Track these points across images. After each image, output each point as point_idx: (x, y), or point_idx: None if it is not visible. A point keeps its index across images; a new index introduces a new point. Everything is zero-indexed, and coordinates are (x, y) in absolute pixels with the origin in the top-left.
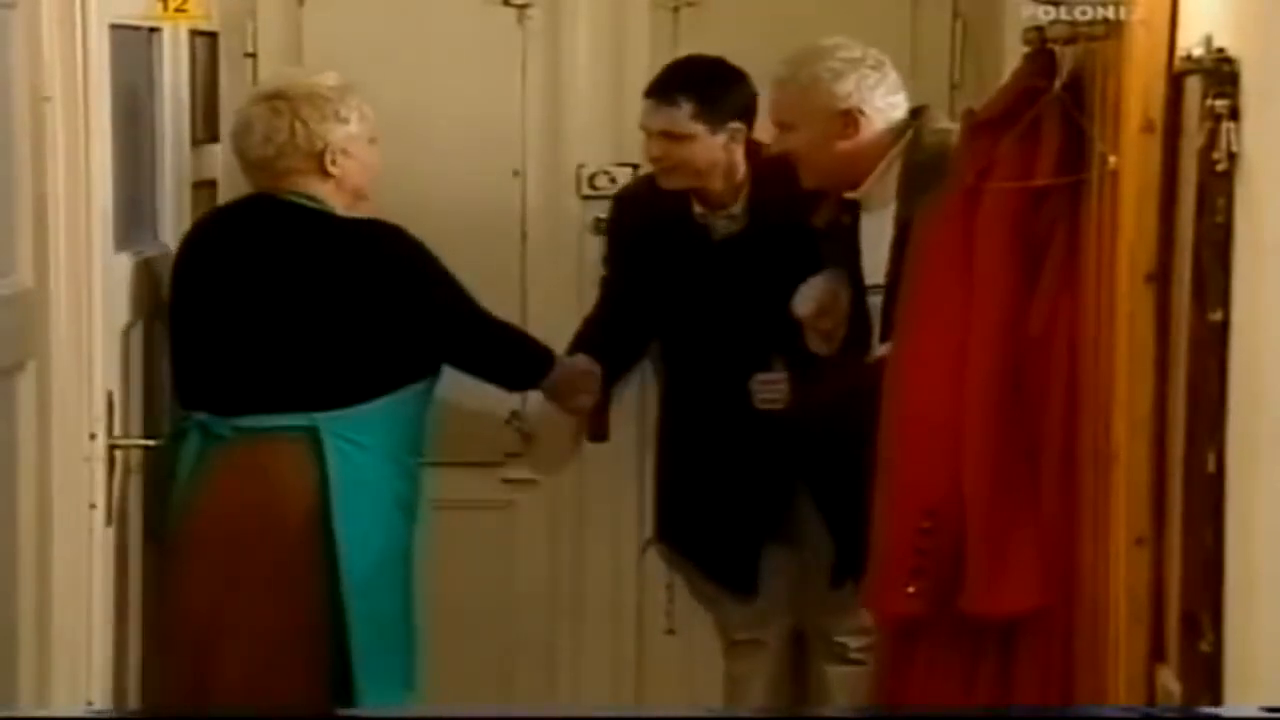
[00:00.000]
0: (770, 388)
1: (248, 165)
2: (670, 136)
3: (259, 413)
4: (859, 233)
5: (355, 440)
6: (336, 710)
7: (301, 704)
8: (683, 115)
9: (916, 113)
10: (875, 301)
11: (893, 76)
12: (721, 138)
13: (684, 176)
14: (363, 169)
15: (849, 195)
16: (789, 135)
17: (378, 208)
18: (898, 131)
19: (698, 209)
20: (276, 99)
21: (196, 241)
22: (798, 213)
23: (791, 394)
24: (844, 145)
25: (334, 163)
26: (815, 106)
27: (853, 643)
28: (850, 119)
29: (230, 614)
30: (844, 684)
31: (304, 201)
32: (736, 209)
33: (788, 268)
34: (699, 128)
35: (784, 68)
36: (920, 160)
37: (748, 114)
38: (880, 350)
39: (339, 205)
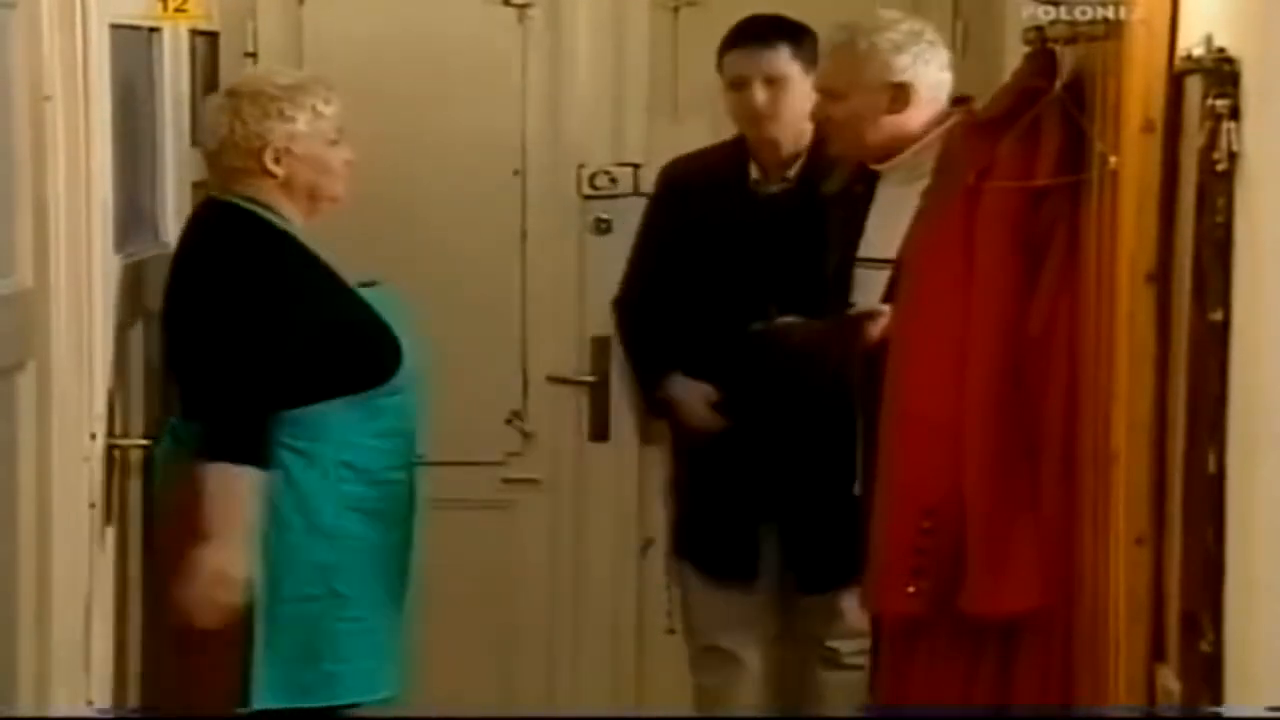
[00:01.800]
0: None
1: (205, 161)
2: (771, 81)
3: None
4: (870, 203)
5: (290, 445)
6: (347, 711)
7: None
8: (781, 58)
9: (959, 101)
10: (874, 275)
11: (945, 55)
12: (808, 83)
13: (781, 124)
14: (316, 170)
15: (876, 166)
16: (835, 103)
17: (379, 207)
18: (941, 111)
19: (754, 174)
20: (227, 95)
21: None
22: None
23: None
24: (889, 119)
25: (276, 161)
26: (869, 77)
27: (844, 647)
28: (901, 93)
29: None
30: (839, 689)
31: (241, 203)
32: (792, 172)
33: (820, 230)
34: (795, 69)
35: (841, 33)
36: None
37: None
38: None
39: (292, 207)
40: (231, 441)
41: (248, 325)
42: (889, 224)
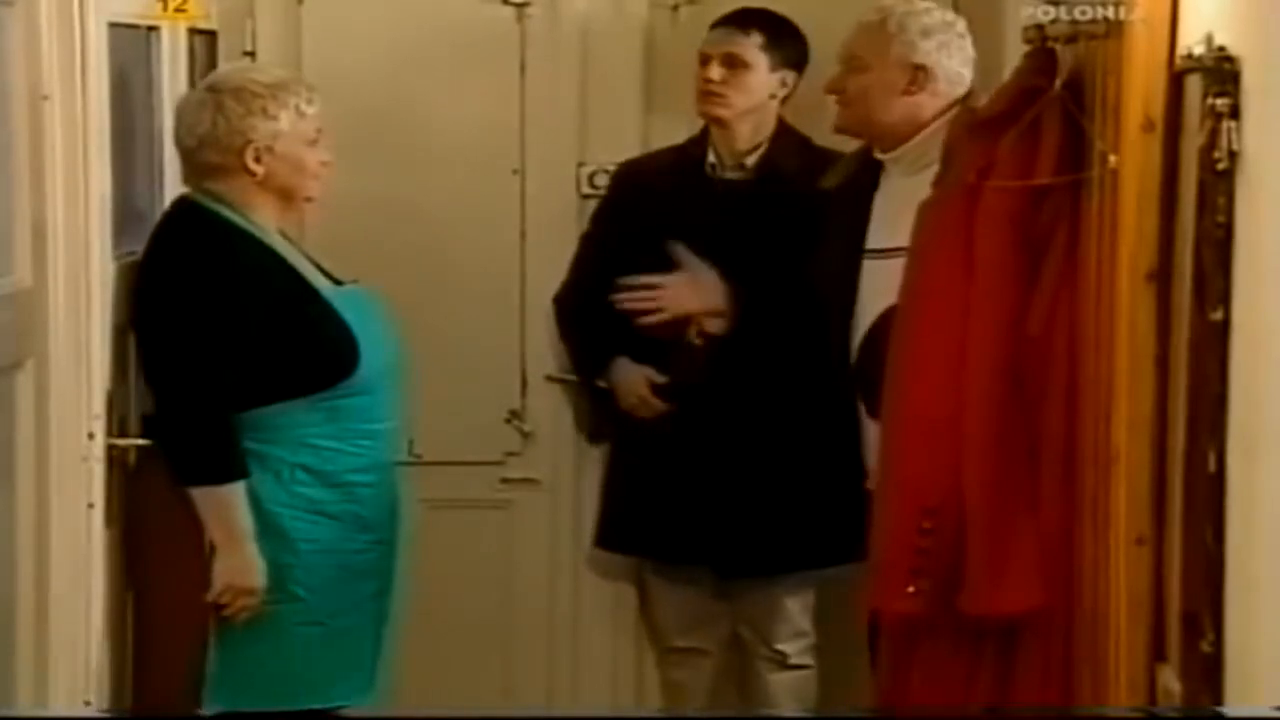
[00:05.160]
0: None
1: (180, 156)
2: (732, 61)
3: None
4: (873, 196)
5: (248, 447)
6: (339, 711)
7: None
8: (751, 43)
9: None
10: (880, 265)
11: (970, 52)
12: (775, 79)
13: (728, 106)
14: (293, 170)
15: (880, 156)
16: (855, 76)
17: (379, 206)
18: (952, 103)
19: (710, 159)
20: (207, 91)
21: None
22: (804, 183)
23: (732, 323)
24: (904, 100)
25: (257, 160)
26: (894, 53)
27: (791, 648)
28: (921, 75)
29: (148, 611)
30: (788, 691)
31: (208, 204)
32: (750, 161)
33: (775, 222)
34: (762, 59)
35: (876, 12)
36: None
37: (798, 68)
38: None
39: (265, 206)
40: (207, 464)
41: (197, 332)
42: (894, 214)
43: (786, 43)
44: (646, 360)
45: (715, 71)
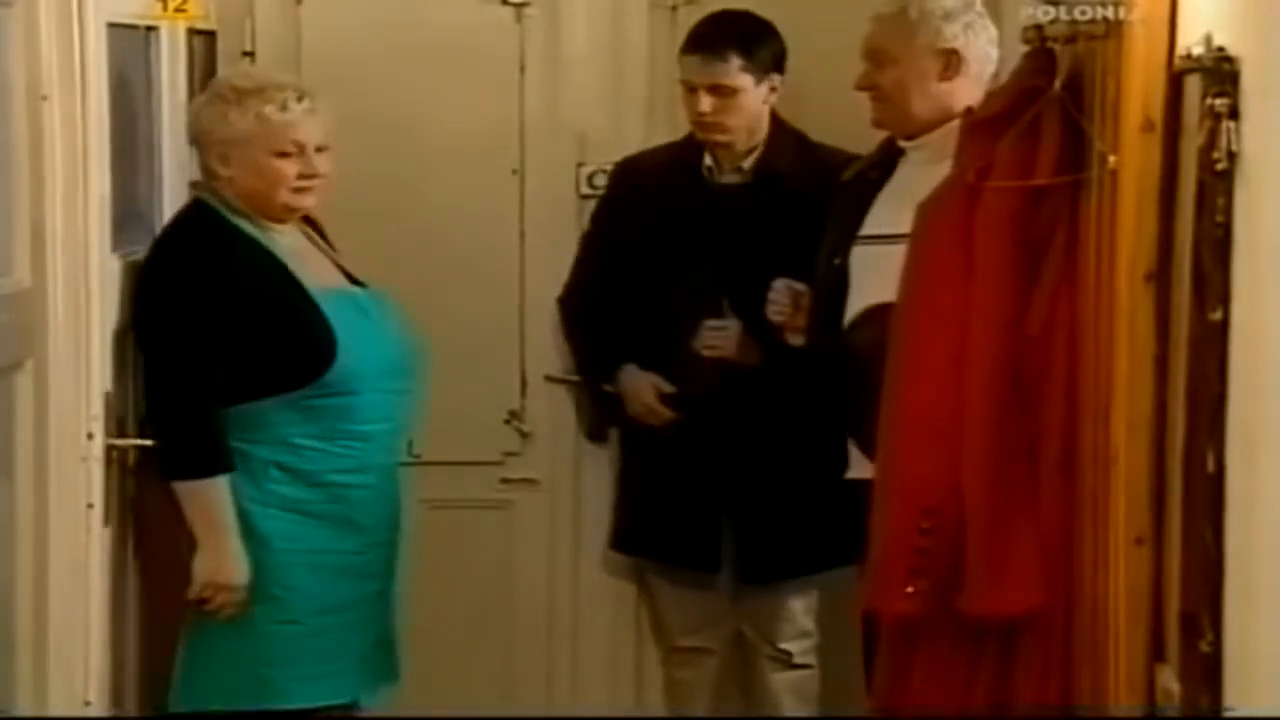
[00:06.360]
0: (718, 334)
1: None
2: (719, 91)
3: None
4: (878, 189)
5: (230, 444)
6: (344, 711)
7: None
8: (731, 69)
9: None
10: (877, 252)
11: (993, 30)
12: (764, 89)
13: (728, 131)
14: (256, 178)
15: (904, 144)
16: (883, 70)
17: (378, 206)
18: (983, 85)
19: (707, 161)
20: (206, 91)
21: None
22: (801, 183)
23: (739, 344)
24: (938, 85)
25: (222, 162)
26: (920, 42)
27: (795, 648)
28: (952, 60)
29: (151, 612)
30: (791, 690)
31: (209, 200)
32: (747, 164)
33: (775, 227)
34: (746, 80)
35: (892, 2)
36: None
37: (780, 67)
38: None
39: (249, 205)
40: (190, 458)
41: (179, 326)
42: (900, 202)
43: (763, 50)
44: (653, 367)
45: (705, 103)
